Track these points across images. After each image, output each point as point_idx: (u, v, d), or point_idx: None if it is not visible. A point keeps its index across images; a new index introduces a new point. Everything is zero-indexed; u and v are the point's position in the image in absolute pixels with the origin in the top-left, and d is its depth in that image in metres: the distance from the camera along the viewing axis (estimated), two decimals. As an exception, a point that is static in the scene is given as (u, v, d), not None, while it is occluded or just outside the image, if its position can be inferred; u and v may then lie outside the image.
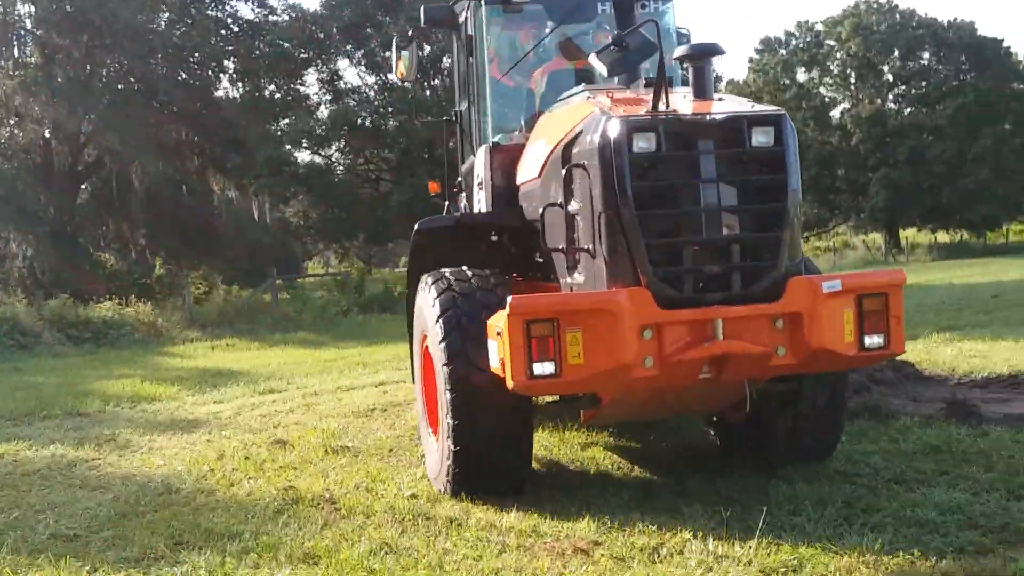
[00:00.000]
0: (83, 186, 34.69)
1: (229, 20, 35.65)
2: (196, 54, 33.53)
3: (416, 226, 7.65)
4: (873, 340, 5.42)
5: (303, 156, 33.08)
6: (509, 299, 5.20)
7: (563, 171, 5.86)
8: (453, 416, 6.04)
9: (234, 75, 34.58)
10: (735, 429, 6.97)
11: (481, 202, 7.67)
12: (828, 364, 5.68)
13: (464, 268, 6.62)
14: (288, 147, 31.40)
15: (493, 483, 6.32)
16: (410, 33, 8.32)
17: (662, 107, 5.44)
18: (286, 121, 31.91)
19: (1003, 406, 8.54)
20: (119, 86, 30.77)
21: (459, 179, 8.79)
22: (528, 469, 6.57)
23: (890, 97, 54.23)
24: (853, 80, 54.96)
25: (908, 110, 52.77)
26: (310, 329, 23.16)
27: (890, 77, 53.45)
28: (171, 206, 32.89)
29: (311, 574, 5.20)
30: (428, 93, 30.45)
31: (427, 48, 29.84)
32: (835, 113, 56.05)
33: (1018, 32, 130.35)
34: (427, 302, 6.45)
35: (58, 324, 20.80)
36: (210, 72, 34.69)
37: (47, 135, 30.42)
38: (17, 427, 11.24)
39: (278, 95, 32.24)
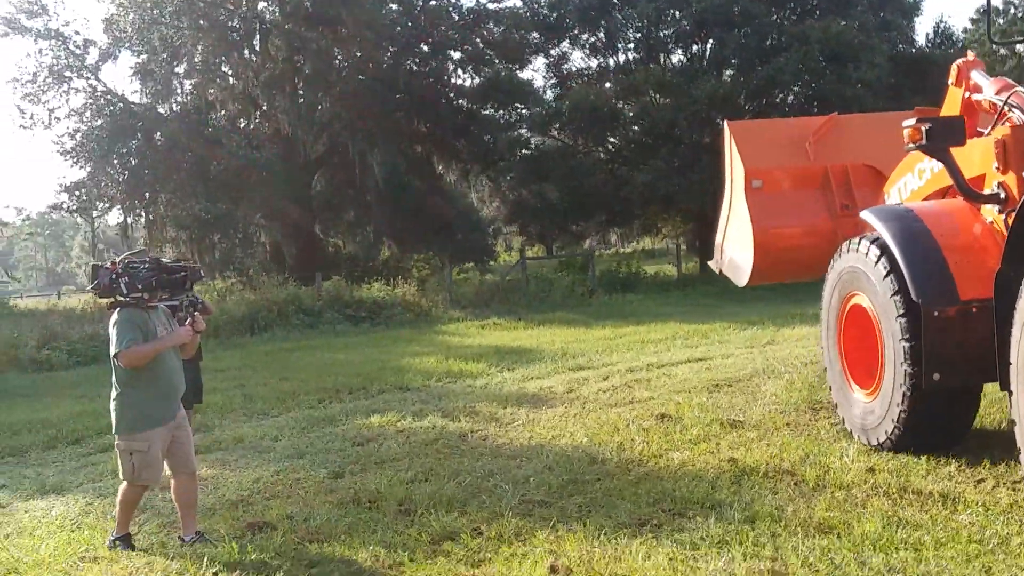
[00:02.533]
0: (316, 175, 35.88)
1: (451, 9, 36.31)
2: (423, 44, 34.21)
3: None
4: None
5: (537, 140, 33.35)
6: None
7: None
8: None
9: (461, 62, 35.14)
10: None
11: None
12: None
13: None
14: (525, 131, 31.73)
15: None
16: None
17: None
18: (519, 106, 32.24)
19: None
20: (359, 77, 31.69)
21: None
22: None
23: None
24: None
25: None
26: (563, 309, 23.28)
27: None
28: (401, 192, 33.72)
29: (835, 545, 5.11)
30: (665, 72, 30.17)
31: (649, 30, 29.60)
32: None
33: None
34: None
35: (336, 304, 21.67)
36: (434, 62, 35.32)
37: (289, 126, 31.54)
38: (362, 400, 11.76)
39: (505, 80, 32.41)
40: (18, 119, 32.35)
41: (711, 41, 29.97)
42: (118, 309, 5.86)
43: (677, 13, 28.81)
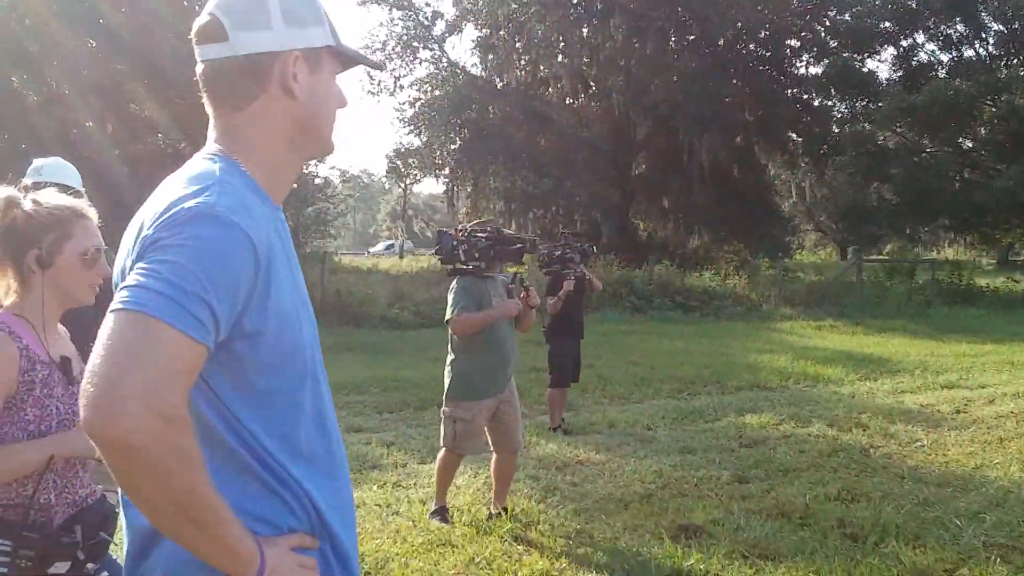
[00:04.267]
0: (637, 158, 35.48)
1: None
2: (763, 31, 32.93)
3: None
4: None
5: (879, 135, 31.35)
6: None
7: None
8: None
9: (800, 51, 33.63)
10: None
11: None
12: None
13: None
14: (867, 125, 29.88)
15: None
16: None
17: None
18: (862, 98, 30.39)
19: None
20: (693, 63, 30.96)
21: None
22: None
23: None
24: None
25: None
26: (900, 317, 21.71)
27: None
28: (723, 180, 32.80)
29: None
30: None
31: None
32: None
33: None
34: None
35: (666, 291, 21.24)
36: (772, 48, 33.93)
37: (621, 106, 31.23)
38: (723, 395, 11.21)
39: (852, 71, 30.60)
40: (367, 84, 34.12)
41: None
42: (457, 276, 5.80)
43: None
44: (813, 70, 33.29)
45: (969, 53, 30.74)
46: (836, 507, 6.19)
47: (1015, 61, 28.79)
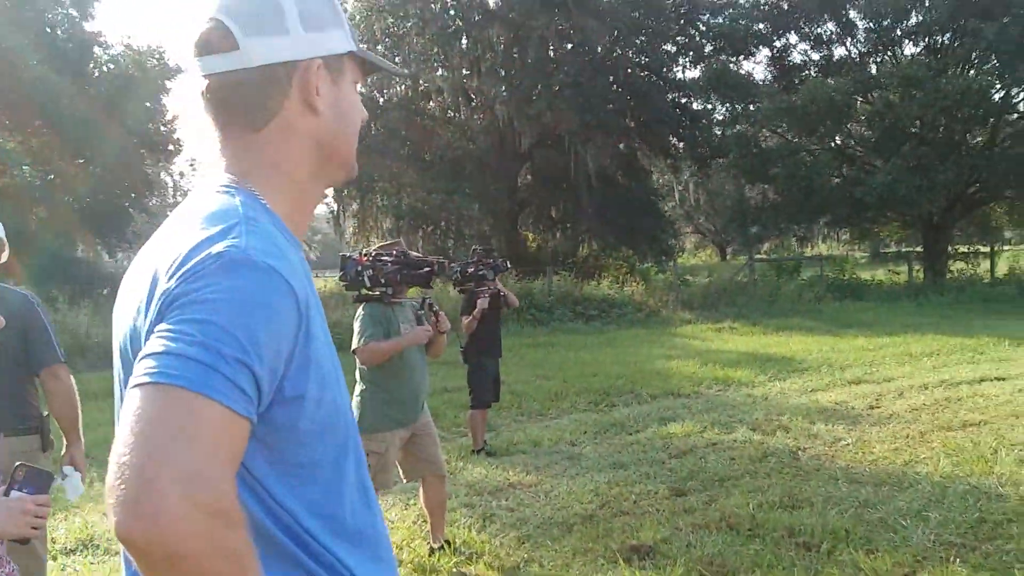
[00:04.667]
0: (523, 168, 35.38)
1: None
2: (639, 37, 33.21)
3: None
4: None
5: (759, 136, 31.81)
6: None
7: None
8: None
9: (677, 55, 34.01)
10: None
11: None
12: None
13: None
14: (745, 126, 30.30)
15: None
16: None
17: None
18: (742, 103, 30.81)
19: None
20: (575, 70, 30.94)
21: None
22: None
23: None
24: None
25: None
26: (795, 315, 22.06)
27: None
28: (609, 187, 32.89)
29: None
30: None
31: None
32: None
33: None
34: None
35: (566, 301, 21.14)
36: (650, 54, 34.23)
37: (505, 117, 31.06)
38: (640, 405, 11.09)
39: (731, 74, 31.03)
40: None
41: (949, 34, 27.97)
42: (363, 303, 5.53)
43: (927, 2, 26.89)
44: (691, 74, 33.76)
45: (840, 52, 31.54)
46: (781, 515, 6.06)
47: (885, 57, 29.64)
